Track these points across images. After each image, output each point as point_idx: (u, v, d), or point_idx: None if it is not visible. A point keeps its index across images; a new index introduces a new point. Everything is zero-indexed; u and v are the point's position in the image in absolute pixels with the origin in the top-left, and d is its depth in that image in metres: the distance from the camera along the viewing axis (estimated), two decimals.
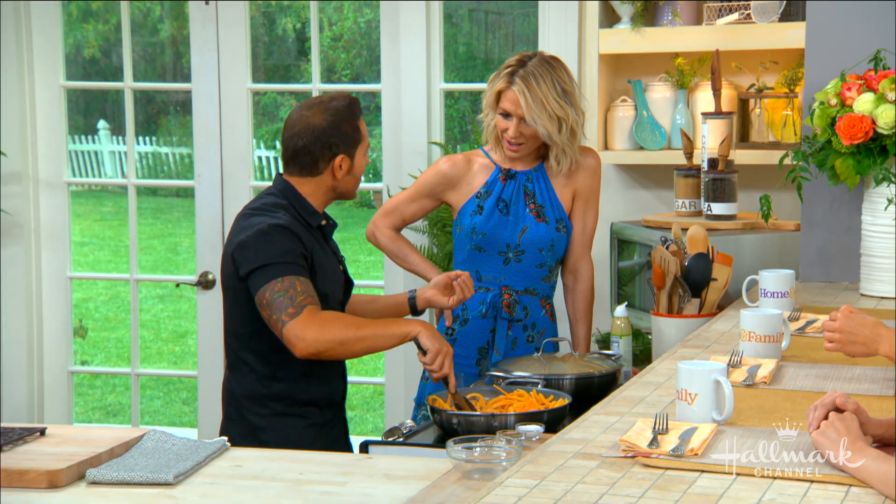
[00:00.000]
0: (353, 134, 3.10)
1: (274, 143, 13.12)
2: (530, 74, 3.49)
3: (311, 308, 2.90)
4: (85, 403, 8.13)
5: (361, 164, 3.15)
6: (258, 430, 3.04)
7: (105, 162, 14.55)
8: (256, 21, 11.08)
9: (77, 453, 2.47)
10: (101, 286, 10.89)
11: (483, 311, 3.59)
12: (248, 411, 3.07)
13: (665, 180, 4.40)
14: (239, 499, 2.31)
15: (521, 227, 3.60)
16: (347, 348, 2.93)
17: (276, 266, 2.93)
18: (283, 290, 2.91)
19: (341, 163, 3.09)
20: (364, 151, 3.15)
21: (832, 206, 3.72)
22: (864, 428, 1.98)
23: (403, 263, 3.74)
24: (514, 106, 3.51)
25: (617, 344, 3.29)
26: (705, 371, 2.15)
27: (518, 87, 3.49)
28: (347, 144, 3.10)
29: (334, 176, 3.10)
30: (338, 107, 3.10)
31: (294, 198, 3.10)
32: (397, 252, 3.73)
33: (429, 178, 3.69)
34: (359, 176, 3.16)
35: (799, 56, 4.10)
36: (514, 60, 3.54)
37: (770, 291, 3.21)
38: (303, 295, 2.91)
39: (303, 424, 3.05)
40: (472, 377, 3.58)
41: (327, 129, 3.07)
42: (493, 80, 3.58)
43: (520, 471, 1.96)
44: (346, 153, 3.10)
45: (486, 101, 3.60)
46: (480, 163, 3.65)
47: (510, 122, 3.53)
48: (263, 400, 3.05)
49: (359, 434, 6.99)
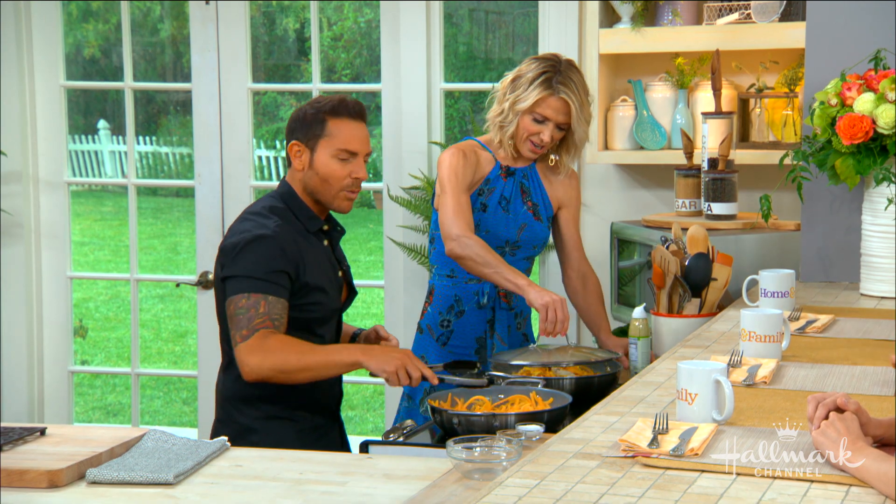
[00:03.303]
0: (312, 124, 3.06)
1: (274, 143, 13.11)
2: (571, 81, 3.51)
3: (263, 333, 2.88)
4: (85, 403, 8.13)
5: (327, 162, 3.06)
6: (249, 431, 3.03)
7: (105, 162, 14.56)
8: (257, 21, 11.07)
9: (77, 453, 2.47)
10: (101, 286, 10.89)
11: (482, 301, 3.61)
12: (239, 413, 3.06)
13: (665, 180, 4.40)
14: (239, 499, 2.31)
15: (520, 225, 3.63)
16: (290, 377, 2.91)
17: (248, 280, 2.92)
18: (245, 308, 2.90)
19: (298, 150, 3.07)
20: (332, 151, 3.06)
21: (832, 205, 3.72)
22: (865, 428, 1.98)
23: (490, 270, 3.42)
24: (556, 112, 3.51)
25: (635, 346, 3.27)
26: (705, 371, 2.15)
27: (566, 95, 3.49)
28: (304, 133, 3.07)
29: (295, 167, 3.09)
30: (321, 100, 3.10)
31: (292, 200, 3.09)
32: (485, 256, 3.41)
33: (459, 170, 3.53)
34: (324, 175, 3.06)
35: (799, 56, 4.10)
36: (546, 66, 3.51)
37: (770, 291, 3.21)
38: (261, 317, 2.89)
39: (294, 428, 3.03)
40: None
41: (295, 115, 3.09)
42: (521, 85, 3.52)
43: (520, 470, 1.96)
44: (300, 140, 3.06)
45: (510, 103, 3.53)
46: (483, 156, 3.64)
47: (545, 127, 3.53)
48: (254, 402, 3.03)
49: (359, 434, 7.00)
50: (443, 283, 3.65)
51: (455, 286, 3.63)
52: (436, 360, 3.61)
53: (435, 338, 3.64)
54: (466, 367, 3.18)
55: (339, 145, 3.07)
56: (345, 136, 3.07)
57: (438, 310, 3.65)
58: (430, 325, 3.66)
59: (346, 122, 3.07)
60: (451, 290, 3.63)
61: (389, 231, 4.75)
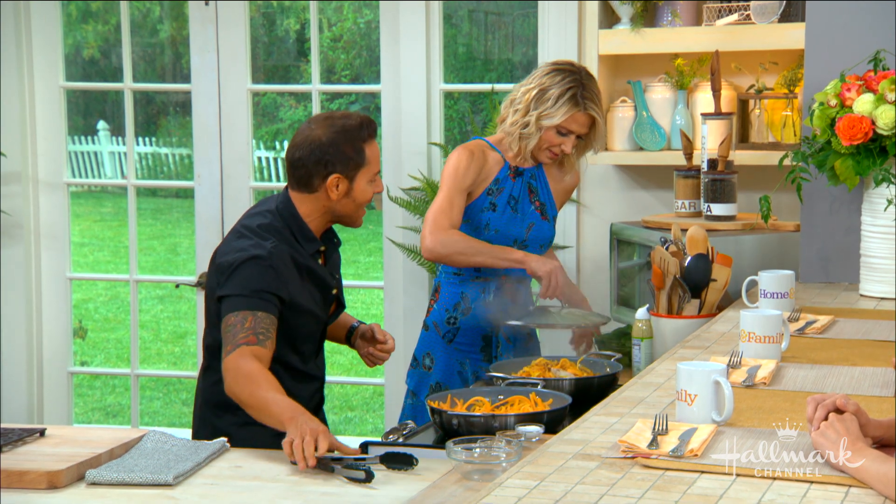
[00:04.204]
0: (353, 155, 3.00)
1: (273, 144, 13.12)
2: (594, 94, 3.58)
3: (242, 350, 2.82)
4: (84, 404, 8.13)
5: (365, 189, 3.04)
6: (225, 436, 2.93)
7: (105, 162, 14.56)
8: (256, 21, 11.08)
9: (77, 454, 2.47)
10: (100, 287, 10.89)
11: (489, 298, 3.63)
12: (216, 417, 3.04)
13: (665, 181, 4.40)
14: (238, 499, 2.31)
15: (528, 224, 3.67)
16: (247, 410, 2.80)
17: (239, 299, 2.89)
18: (233, 325, 2.87)
19: (337, 182, 3.00)
20: (369, 177, 3.03)
21: (832, 206, 3.72)
22: (864, 429, 1.98)
23: (483, 257, 3.53)
24: (581, 126, 3.57)
25: (638, 347, 3.27)
26: (705, 372, 2.15)
27: (594, 111, 3.56)
28: (345, 165, 3.00)
29: (329, 196, 3.02)
30: (345, 125, 3.01)
31: (291, 218, 3.04)
32: (474, 245, 3.52)
33: (460, 171, 3.57)
34: (360, 201, 3.04)
35: (798, 57, 4.10)
36: (571, 81, 3.54)
37: (770, 292, 3.21)
38: (245, 332, 2.85)
39: (270, 433, 2.96)
40: (476, 363, 3.64)
41: (325, 144, 2.99)
42: (547, 100, 3.53)
43: (519, 471, 1.96)
44: (342, 173, 3.00)
45: (535, 118, 3.54)
46: (492, 156, 3.65)
47: (567, 139, 3.58)
48: (231, 408, 2.96)
49: (358, 435, 6.99)
50: (449, 280, 3.67)
51: (461, 283, 3.65)
52: (442, 356, 3.65)
53: (441, 335, 3.66)
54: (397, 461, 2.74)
55: (375, 169, 3.05)
56: (377, 159, 3.06)
57: (445, 307, 3.67)
58: (437, 323, 3.68)
59: (374, 143, 3.06)
60: (458, 288, 3.66)
61: (389, 232, 4.75)
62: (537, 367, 3.16)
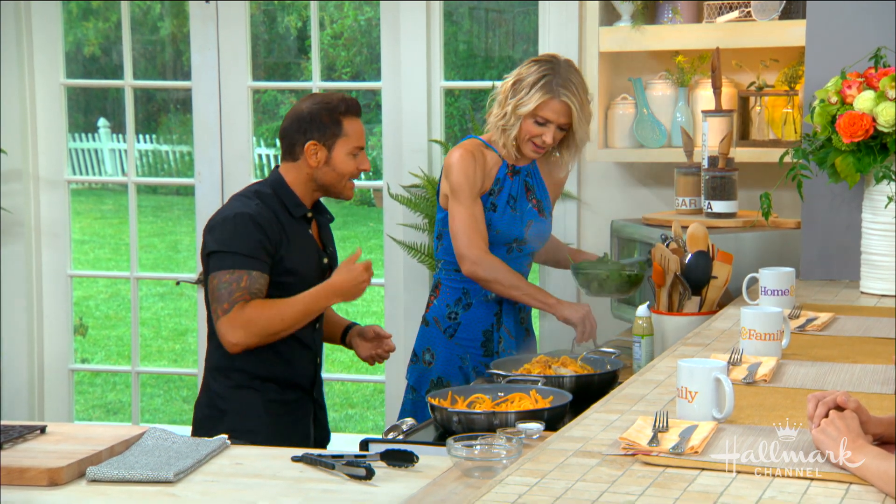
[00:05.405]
0: (329, 124, 3.25)
1: (274, 141, 13.11)
2: (571, 82, 3.55)
3: (240, 306, 3.09)
4: (85, 401, 8.13)
5: (345, 160, 3.27)
6: (218, 398, 3.22)
7: (105, 160, 14.56)
8: (257, 19, 11.07)
9: (77, 451, 2.47)
10: (101, 284, 10.89)
11: (490, 295, 3.63)
12: (213, 381, 3.25)
13: (665, 178, 4.40)
14: (239, 496, 2.31)
15: (527, 222, 3.68)
16: (278, 336, 3.16)
17: (231, 256, 3.11)
18: (227, 283, 3.10)
19: (315, 150, 3.25)
20: (349, 149, 3.27)
21: (832, 203, 3.72)
22: (865, 426, 1.97)
23: (518, 293, 3.58)
24: (557, 115, 3.55)
25: (638, 344, 3.26)
26: (705, 369, 2.15)
27: (567, 98, 3.53)
28: (322, 133, 3.25)
29: (308, 163, 3.26)
30: (325, 99, 3.29)
31: (280, 187, 3.26)
32: (511, 279, 3.56)
33: (470, 176, 3.57)
34: (341, 171, 3.28)
35: (799, 54, 4.10)
36: (546, 69, 3.54)
37: (770, 289, 3.21)
38: (241, 291, 3.10)
39: (260, 399, 3.21)
40: (477, 358, 3.64)
41: (305, 113, 3.26)
42: (522, 89, 3.54)
43: (520, 469, 1.96)
44: (319, 141, 3.25)
45: (512, 107, 3.55)
46: (490, 156, 3.65)
47: (546, 129, 3.56)
48: (227, 371, 3.22)
49: (359, 432, 6.99)
50: (450, 276, 3.68)
51: (463, 280, 3.65)
52: (442, 351, 3.65)
53: (442, 330, 3.67)
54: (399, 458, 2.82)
55: (355, 143, 3.29)
56: (358, 135, 3.30)
57: (446, 302, 3.67)
58: (437, 318, 3.68)
59: (356, 120, 3.29)
60: (459, 284, 3.66)
61: (390, 229, 4.75)
62: (538, 364, 3.16)
